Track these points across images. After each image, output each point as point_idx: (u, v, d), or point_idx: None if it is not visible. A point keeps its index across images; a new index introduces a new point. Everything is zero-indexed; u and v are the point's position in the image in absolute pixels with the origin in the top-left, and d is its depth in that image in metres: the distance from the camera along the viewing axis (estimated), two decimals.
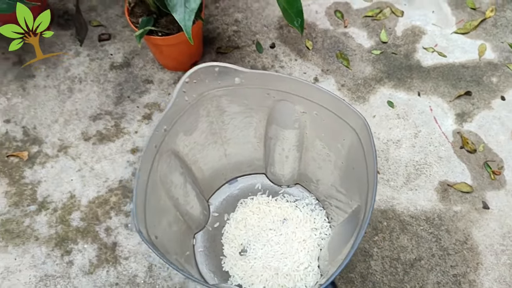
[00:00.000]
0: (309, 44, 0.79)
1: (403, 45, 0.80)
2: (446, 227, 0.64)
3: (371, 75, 0.76)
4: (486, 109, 0.73)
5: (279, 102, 0.45)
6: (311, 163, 0.54)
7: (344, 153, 0.45)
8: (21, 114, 0.74)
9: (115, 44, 0.81)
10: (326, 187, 0.56)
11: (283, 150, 0.53)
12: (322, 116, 0.43)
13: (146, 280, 0.62)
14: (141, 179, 0.38)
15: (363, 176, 0.38)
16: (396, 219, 0.65)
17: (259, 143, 0.55)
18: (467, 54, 0.78)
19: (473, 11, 0.82)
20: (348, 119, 0.40)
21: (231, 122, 0.49)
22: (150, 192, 0.40)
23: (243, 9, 0.84)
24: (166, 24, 0.69)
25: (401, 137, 0.71)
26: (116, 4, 0.85)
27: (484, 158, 0.69)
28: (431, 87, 0.75)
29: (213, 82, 0.42)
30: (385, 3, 0.84)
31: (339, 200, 0.52)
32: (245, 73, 0.41)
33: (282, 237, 0.58)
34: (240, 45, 0.80)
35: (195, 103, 0.43)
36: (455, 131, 0.71)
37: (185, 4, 0.55)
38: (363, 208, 0.37)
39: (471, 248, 0.63)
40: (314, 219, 0.59)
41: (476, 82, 0.75)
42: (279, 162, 0.57)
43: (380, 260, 0.62)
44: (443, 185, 0.67)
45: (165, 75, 0.77)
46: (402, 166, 0.69)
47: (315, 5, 0.84)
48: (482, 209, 0.65)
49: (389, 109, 0.73)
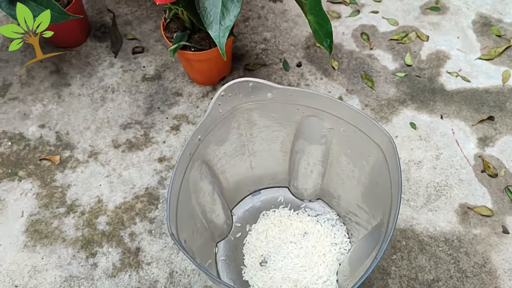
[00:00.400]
0: (335, 64, 0.81)
1: (428, 68, 0.81)
2: (465, 249, 0.65)
3: (394, 96, 0.78)
4: (509, 135, 0.74)
5: (308, 117, 0.47)
6: (335, 178, 0.56)
7: (368, 170, 0.47)
8: (55, 120, 0.77)
9: (148, 57, 0.84)
10: (348, 203, 0.57)
11: (308, 164, 0.55)
12: (349, 133, 0.45)
13: (167, 286, 0.64)
14: (175, 183, 0.40)
15: (387, 192, 0.40)
16: (415, 239, 0.66)
17: (284, 157, 0.56)
18: (491, 79, 0.79)
19: (498, 38, 0.84)
20: (374, 136, 0.42)
21: (259, 135, 0.51)
22: (182, 197, 0.42)
23: (272, 28, 0.87)
24: (198, 40, 0.72)
25: (422, 158, 0.72)
26: (150, 20, 0.89)
27: (505, 183, 0.69)
28: (454, 111, 0.76)
29: (247, 97, 0.44)
30: (411, 27, 0.86)
31: (360, 216, 0.53)
32: (278, 89, 0.43)
33: (302, 250, 0.60)
34: (268, 62, 0.83)
35: (228, 116, 0.45)
36: (477, 155, 0.72)
37: (221, 22, 0.58)
38: (385, 224, 0.38)
39: (490, 272, 0.63)
40: (334, 234, 0.61)
41: (499, 108, 0.76)
42: (303, 176, 0.58)
43: (398, 279, 0.63)
44: (463, 208, 0.68)
45: (194, 89, 0.80)
46: (422, 187, 0.70)
47: (342, 27, 0.87)
48: (501, 234, 0.66)
49: (411, 130, 0.75)
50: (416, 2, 0.90)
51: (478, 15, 0.87)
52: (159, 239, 0.67)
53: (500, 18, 0.86)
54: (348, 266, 0.52)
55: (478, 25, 0.86)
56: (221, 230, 0.61)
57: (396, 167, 0.37)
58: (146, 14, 0.90)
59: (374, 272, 0.63)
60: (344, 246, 0.60)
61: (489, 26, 0.85)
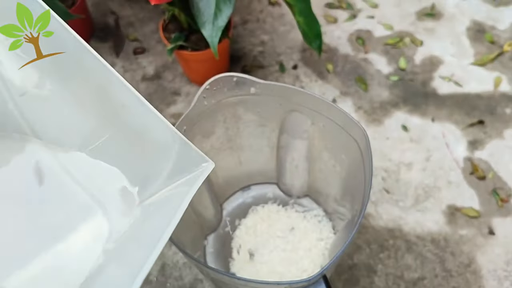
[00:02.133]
0: (329, 67, 0.83)
1: (421, 73, 0.83)
2: (451, 249, 0.66)
3: (387, 99, 0.80)
4: (498, 139, 0.75)
5: (290, 112, 0.48)
6: (318, 174, 0.58)
7: (347, 164, 0.48)
8: None
9: (148, 58, 0.87)
10: (332, 199, 0.59)
11: (293, 159, 0.57)
12: (328, 128, 0.47)
13: (159, 278, 0.66)
14: None
15: (361, 184, 0.42)
16: (403, 239, 0.67)
17: (272, 152, 0.58)
18: (482, 85, 0.80)
19: (491, 44, 0.85)
20: (351, 130, 0.44)
21: (246, 129, 0.53)
22: None
23: (269, 31, 0.89)
24: (195, 41, 0.74)
25: (412, 160, 0.73)
26: (151, 22, 0.92)
27: (493, 186, 0.70)
28: (445, 114, 0.78)
29: (231, 91, 0.46)
30: (406, 33, 0.88)
31: (341, 211, 0.55)
32: (260, 83, 0.45)
33: (289, 244, 0.61)
34: (264, 65, 0.85)
35: (213, 108, 0.47)
36: (466, 158, 0.73)
37: (213, 22, 0.60)
38: (358, 210, 0.40)
39: (474, 272, 0.64)
40: (320, 229, 0.62)
41: (489, 112, 0.77)
42: (290, 172, 0.60)
43: (384, 276, 0.64)
44: (451, 209, 0.69)
45: (192, 89, 0.83)
46: (411, 188, 0.71)
47: (338, 31, 0.89)
48: (487, 235, 0.67)
49: (403, 132, 0.76)
50: (412, 8, 0.92)
51: (472, 22, 0.89)
52: None
53: (493, 25, 0.88)
54: (328, 258, 0.54)
55: (472, 32, 0.87)
56: (211, 223, 0.63)
57: (369, 159, 0.39)
58: (148, 16, 0.93)
59: (360, 269, 0.65)
60: (329, 242, 0.61)
61: (482, 32, 0.87)
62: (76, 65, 0.32)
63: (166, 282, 0.65)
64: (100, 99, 0.33)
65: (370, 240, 0.66)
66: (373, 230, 0.67)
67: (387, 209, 0.69)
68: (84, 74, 0.33)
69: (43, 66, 0.33)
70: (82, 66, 0.32)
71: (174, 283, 0.65)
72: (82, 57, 0.31)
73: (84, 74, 0.33)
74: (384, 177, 0.72)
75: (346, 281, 0.64)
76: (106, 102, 0.33)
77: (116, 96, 0.33)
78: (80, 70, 0.32)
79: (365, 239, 0.67)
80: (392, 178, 0.72)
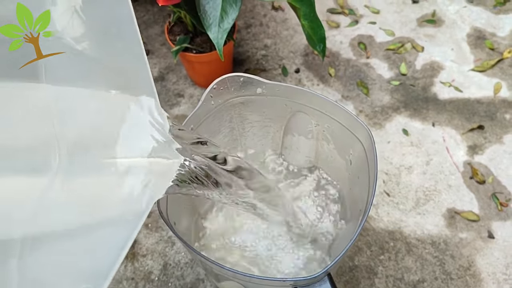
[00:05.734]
0: (331, 71, 0.84)
1: (422, 78, 0.84)
2: (451, 252, 0.66)
3: (388, 103, 0.81)
4: (498, 144, 0.76)
5: (295, 113, 0.49)
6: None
7: (351, 165, 0.49)
8: None
9: (153, 60, 0.88)
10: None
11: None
12: (333, 128, 0.48)
13: (160, 277, 0.66)
14: None
15: (365, 184, 0.42)
16: (403, 241, 0.68)
17: (275, 153, 0.59)
18: (482, 90, 0.81)
19: (491, 51, 0.86)
20: (355, 131, 0.44)
21: (251, 130, 0.54)
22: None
23: (273, 35, 0.90)
24: (200, 43, 0.75)
25: (413, 163, 0.74)
26: (156, 24, 0.93)
27: (492, 190, 0.71)
28: (446, 119, 0.78)
29: (237, 91, 0.47)
30: (407, 38, 0.89)
31: (344, 211, 0.56)
32: (267, 84, 0.46)
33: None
34: (267, 68, 0.86)
35: (220, 108, 0.48)
36: (466, 162, 0.74)
37: (219, 24, 0.61)
38: (363, 210, 0.41)
39: (474, 275, 0.65)
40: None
41: (489, 118, 0.78)
42: None
43: (384, 278, 0.65)
44: (451, 212, 0.70)
45: (195, 91, 0.83)
46: (412, 191, 0.72)
47: (340, 36, 0.90)
48: (487, 238, 0.67)
49: (403, 136, 0.77)
50: (413, 14, 0.93)
51: (472, 29, 0.90)
52: (155, 233, 0.69)
53: (493, 32, 0.89)
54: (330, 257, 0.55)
55: (472, 38, 0.89)
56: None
57: (374, 159, 0.40)
58: (153, 19, 0.94)
59: (361, 271, 0.65)
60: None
61: (482, 39, 0.88)
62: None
63: (168, 281, 0.65)
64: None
65: (371, 242, 0.67)
66: (374, 232, 0.68)
67: (388, 211, 0.70)
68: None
69: (92, 28, 0.32)
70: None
71: (175, 282, 0.65)
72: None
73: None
74: (385, 180, 0.72)
75: (347, 282, 0.64)
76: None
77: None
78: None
79: (365, 241, 0.67)
80: (392, 181, 0.72)
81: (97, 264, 0.27)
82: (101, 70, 0.33)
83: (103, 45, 0.33)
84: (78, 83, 0.33)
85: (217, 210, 0.59)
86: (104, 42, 0.32)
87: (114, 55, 0.33)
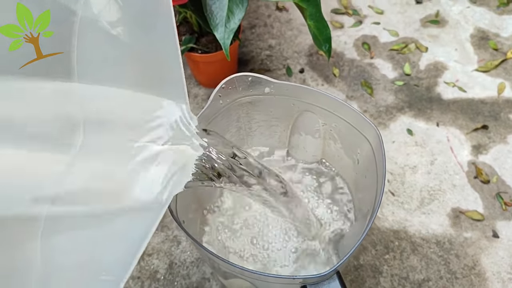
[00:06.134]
0: (336, 72, 0.85)
1: (426, 78, 0.84)
2: (456, 251, 0.67)
3: (393, 103, 0.81)
4: (502, 143, 0.76)
5: (303, 112, 0.50)
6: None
7: (358, 164, 0.49)
8: None
9: None
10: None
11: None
12: (340, 127, 0.48)
13: (166, 276, 0.66)
14: None
15: (373, 183, 0.43)
16: (408, 240, 0.68)
17: (282, 152, 0.59)
18: (486, 90, 0.82)
19: (495, 51, 0.87)
20: (363, 130, 0.45)
21: (258, 129, 0.54)
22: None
23: (277, 36, 0.91)
24: (205, 43, 0.75)
25: (417, 163, 0.75)
26: None
27: (497, 189, 0.71)
28: (450, 119, 0.79)
29: (246, 90, 0.47)
30: (411, 39, 0.89)
31: (352, 211, 0.56)
32: (275, 83, 0.46)
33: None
34: (272, 68, 0.86)
35: (228, 107, 0.48)
36: (470, 162, 0.74)
37: (226, 25, 0.62)
38: (370, 209, 0.41)
39: (479, 274, 0.65)
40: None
41: (493, 118, 0.79)
42: None
43: (389, 277, 0.65)
44: (455, 212, 0.70)
45: (200, 91, 0.84)
46: (416, 191, 0.72)
47: (344, 37, 0.90)
48: (491, 238, 0.68)
49: (408, 136, 0.77)
50: (417, 15, 0.93)
51: (476, 29, 0.90)
52: (161, 232, 0.69)
53: (497, 33, 0.89)
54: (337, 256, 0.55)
55: (475, 39, 0.89)
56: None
57: (382, 158, 0.40)
58: None
59: (366, 270, 0.66)
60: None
61: (486, 40, 0.88)
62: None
63: (174, 280, 0.66)
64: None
65: (376, 242, 0.67)
66: (379, 231, 0.68)
67: (393, 211, 0.70)
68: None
69: (128, 15, 0.32)
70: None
71: (181, 281, 0.65)
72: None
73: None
74: (390, 179, 0.73)
75: (352, 281, 0.64)
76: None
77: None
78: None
79: (371, 240, 0.68)
80: (397, 180, 0.73)
81: (117, 255, 0.28)
82: (133, 58, 0.33)
83: (138, 33, 0.33)
84: (109, 69, 0.33)
85: (221, 209, 0.60)
86: (139, 30, 0.33)
87: (148, 45, 0.33)
